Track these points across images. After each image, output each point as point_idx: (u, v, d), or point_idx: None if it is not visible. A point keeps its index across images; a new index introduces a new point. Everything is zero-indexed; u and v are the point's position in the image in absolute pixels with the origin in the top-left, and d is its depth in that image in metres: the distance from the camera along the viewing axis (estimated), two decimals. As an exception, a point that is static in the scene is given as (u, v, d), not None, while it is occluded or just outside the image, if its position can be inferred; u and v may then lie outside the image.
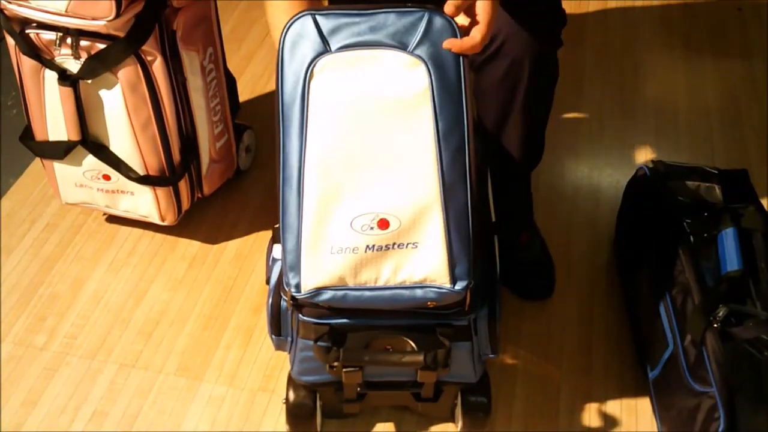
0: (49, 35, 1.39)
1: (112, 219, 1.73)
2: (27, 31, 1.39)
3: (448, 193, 1.00)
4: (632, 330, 1.51)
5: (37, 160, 1.74)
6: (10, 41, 1.43)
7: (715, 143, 1.91)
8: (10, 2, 1.37)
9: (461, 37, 0.99)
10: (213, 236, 1.71)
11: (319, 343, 1.12)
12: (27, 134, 1.56)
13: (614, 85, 2.07)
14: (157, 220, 1.63)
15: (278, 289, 1.16)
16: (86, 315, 1.56)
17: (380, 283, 1.03)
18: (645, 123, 1.96)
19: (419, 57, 0.98)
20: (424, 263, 1.02)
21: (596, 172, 1.83)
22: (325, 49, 0.98)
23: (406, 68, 0.99)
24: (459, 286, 1.03)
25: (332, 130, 1.00)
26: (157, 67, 1.42)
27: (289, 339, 1.20)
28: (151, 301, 1.58)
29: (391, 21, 0.98)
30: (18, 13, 1.38)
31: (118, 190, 1.58)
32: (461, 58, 1.00)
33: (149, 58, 1.41)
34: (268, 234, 1.70)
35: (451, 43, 0.98)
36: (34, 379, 1.45)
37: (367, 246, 1.01)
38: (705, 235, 1.34)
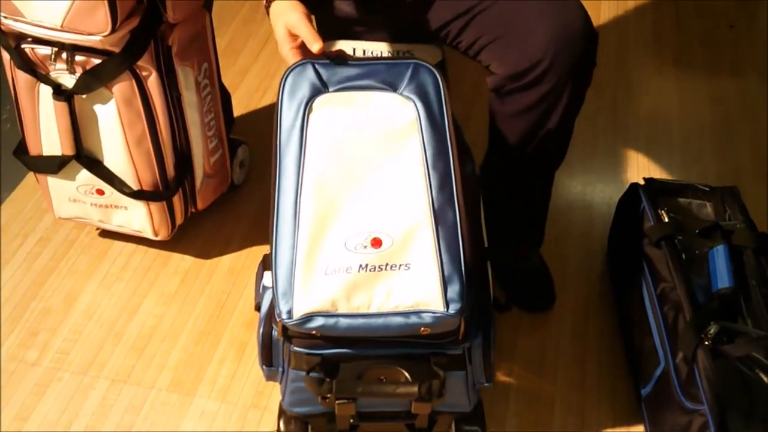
0: (44, 50, 1.39)
1: (106, 233, 1.73)
2: (22, 46, 1.40)
3: (437, 213, 1.04)
4: (625, 346, 1.51)
5: (31, 174, 1.74)
6: (5, 56, 1.43)
7: (706, 160, 1.92)
8: (5, 17, 1.37)
9: (445, 84, 1.09)
10: (206, 251, 1.71)
11: (311, 375, 1.11)
12: (21, 148, 1.56)
13: (607, 102, 2.08)
14: (150, 235, 1.63)
15: (269, 318, 1.16)
16: (79, 330, 1.56)
17: (373, 309, 1.02)
18: (637, 139, 1.97)
19: (407, 96, 1.08)
20: (417, 285, 1.02)
21: (589, 188, 1.84)
22: (324, 88, 1.09)
23: (396, 104, 1.09)
24: (453, 309, 1.02)
25: (328, 157, 1.06)
26: (152, 83, 1.43)
27: (280, 369, 1.19)
28: (143, 316, 1.58)
29: (382, 69, 1.10)
30: (13, 28, 1.38)
31: (111, 205, 1.58)
32: (444, 95, 1.09)
33: (144, 74, 1.41)
34: (261, 248, 1.70)
35: None
36: (25, 395, 1.45)
37: (361, 265, 1.02)
38: (696, 251, 1.35)
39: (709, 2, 2.44)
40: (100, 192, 1.56)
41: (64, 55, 1.39)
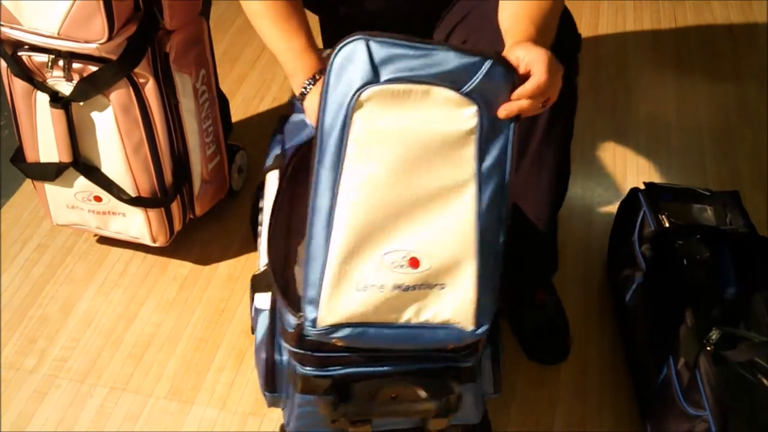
0: (41, 57, 1.39)
1: (103, 240, 1.72)
2: (19, 54, 1.39)
3: (483, 237, 0.96)
4: (626, 352, 1.50)
5: (29, 181, 1.73)
6: (2, 63, 1.43)
7: (707, 164, 1.91)
8: (2, 25, 1.37)
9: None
10: (204, 257, 1.70)
11: (324, 397, 1.06)
12: (18, 156, 1.56)
13: (606, 107, 2.08)
14: (148, 242, 1.62)
15: (270, 342, 1.11)
16: (76, 337, 1.55)
17: (401, 322, 0.98)
18: (637, 144, 1.97)
19: (471, 98, 0.93)
20: (450, 305, 0.98)
21: (589, 192, 1.84)
22: (374, 78, 0.92)
23: (455, 107, 0.93)
24: (481, 329, 0.98)
25: (371, 162, 0.94)
26: (150, 90, 1.42)
27: (284, 395, 1.15)
28: (141, 323, 1.57)
29: (449, 60, 0.92)
30: (10, 35, 1.38)
31: (109, 212, 1.58)
32: None
33: (142, 81, 1.41)
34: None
35: (507, 108, 0.94)
36: (23, 403, 1.44)
37: (395, 285, 0.97)
38: (697, 257, 1.34)
39: (707, 6, 2.44)
40: (98, 199, 1.55)
41: (60, 63, 1.38)
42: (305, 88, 1.12)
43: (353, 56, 0.92)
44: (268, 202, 1.27)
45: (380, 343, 1.01)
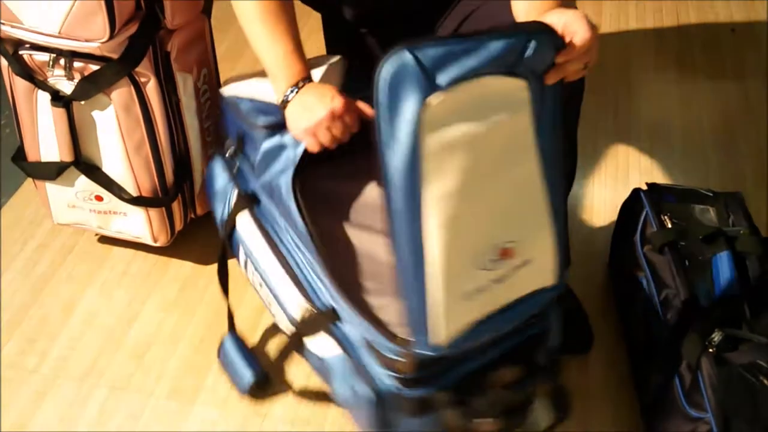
0: (42, 56, 1.39)
1: (105, 239, 1.72)
2: (20, 52, 1.39)
3: (552, 205, 0.99)
4: (628, 353, 1.50)
5: (29, 180, 1.73)
6: (3, 62, 1.42)
7: (709, 164, 1.91)
8: (3, 24, 1.36)
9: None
10: (206, 257, 1.69)
11: (448, 410, 1.07)
12: (19, 154, 1.56)
13: (608, 107, 2.07)
14: (149, 241, 1.62)
15: (367, 379, 1.09)
16: (77, 337, 1.55)
17: (498, 306, 1.01)
18: (639, 144, 1.96)
19: (522, 75, 0.92)
20: (538, 274, 1.02)
21: (591, 193, 1.83)
22: (432, 86, 0.87)
23: (510, 88, 0.92)
24: (562, 285, 1.05)
25: (448, 175, 0.90)
26: (151, 89, 1.42)
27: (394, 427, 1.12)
28: (143, 323, 1.57)
29: (499, 46, 0.89)
30: (11, 34, 1.37)
31: (110, 211, 1.58)
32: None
33: (143, 80, 1.41)
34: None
35: (554, 74, 0.96)
36: (24, 402, 1.44)
37: (494, 280, 0.99)
38: (700, 258, 1.34)
39: (710, 5, 2.43)
40: (99, 198, 1.55)
41: (62, 62, 1.38)
42: (287, 95, 1.08)
43: (403, 69, 0.86)
44: (258, 249, 1.28)
45: (490, 335, 1.03)
